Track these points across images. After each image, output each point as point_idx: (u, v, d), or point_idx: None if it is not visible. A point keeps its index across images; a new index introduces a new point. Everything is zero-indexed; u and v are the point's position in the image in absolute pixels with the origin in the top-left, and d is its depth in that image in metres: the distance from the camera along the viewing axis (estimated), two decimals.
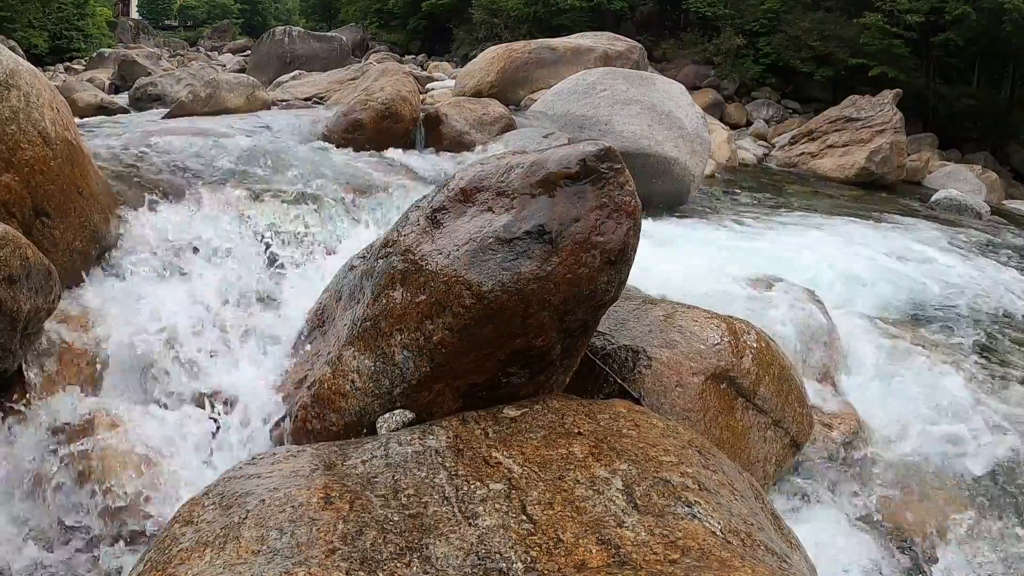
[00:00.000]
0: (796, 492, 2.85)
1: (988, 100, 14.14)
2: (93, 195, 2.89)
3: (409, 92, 5.32)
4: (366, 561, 1.50)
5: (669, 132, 6.20)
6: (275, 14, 47.26)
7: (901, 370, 3.87)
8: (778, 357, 3.00)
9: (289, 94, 7.15)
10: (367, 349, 2.26)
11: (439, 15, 25.45)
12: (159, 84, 8.04)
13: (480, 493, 1.72)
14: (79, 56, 23.34)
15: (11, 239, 2.12)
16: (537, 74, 7.96)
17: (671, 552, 1.52)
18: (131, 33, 32.29)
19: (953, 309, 5.04)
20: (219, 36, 37.83)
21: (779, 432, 2.83)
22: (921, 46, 14.15)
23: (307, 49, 13.47)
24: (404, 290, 2.22)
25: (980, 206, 9.11)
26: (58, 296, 2.40)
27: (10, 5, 22.05)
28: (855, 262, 5.51)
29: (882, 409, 3.41)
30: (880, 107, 10.89)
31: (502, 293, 2.04)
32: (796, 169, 10.96)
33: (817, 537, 2.55)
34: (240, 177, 3.79)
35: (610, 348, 2.74)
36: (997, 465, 3.11)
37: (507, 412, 2.09)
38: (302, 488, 1.74)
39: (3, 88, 2.49)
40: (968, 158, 13.15)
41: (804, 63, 16.17)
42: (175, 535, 1.67)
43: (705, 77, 18.18)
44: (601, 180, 2.14)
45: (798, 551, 1.89)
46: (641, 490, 1.72)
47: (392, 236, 2.43)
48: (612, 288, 2.17)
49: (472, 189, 2.31)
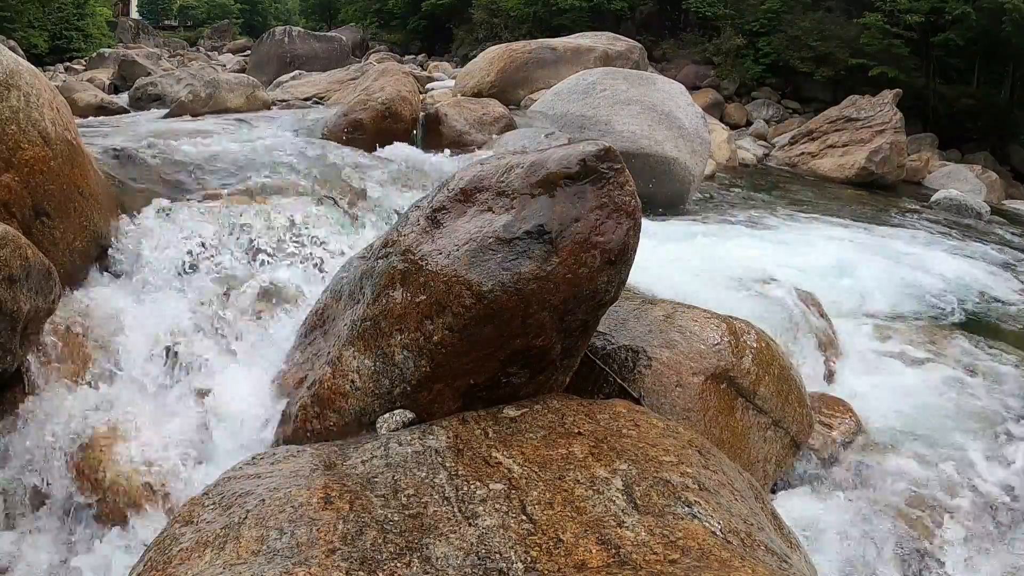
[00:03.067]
0: (796, 492, 2.85)
1: (988, 100, 14.14)
2: (93, 195, 2.89)
3: (409, 92, 5.33)
4: (366, 561, 1.50)
5: (669, 132, 6.20)
6: (275, 14, 47.24)
7: (901, 370, 3.87)
8: (778, 357, 3.00)
9: (289, 94, 7.16)
10: (367, 349, 2.26)
11: (439, 15, 25.45)
12: (159, 84, 8.04)
13: (480, 493, 1.72)
14: (79, 56, 23.33)
15: (11, 239, 2.12)
16: (537, 74, 7.96)
17: (671, 552, 1.52)
18: (131, 33, 32.28)
19: (953, 309, 5.05)
20: (219, 36, 37.81)
21: (779, 432, 2.83)
22: (921, 46, 14.15)
23: (307, 49, 13.47)
24: (404, 290, 2.22)
25: (980, 206, 9.12)
26: (58, 296, 2.40)
27: (10, 5, 22.04)
28: (854, 262, 5.51)
29: (882, 409, 3.41)
30: (880, 107, 10.89)
31: (502, 293, 2.04)
32: (796, 169, 10.97)
33: (818, 537, 2.55)
34: (240, 177, 3.79)
35: (610, 348, 2.74)
36: (997, 465, 3.11)
37: (507, 412, 2.09)
38: (302, 488, 1.74)
39: (3, 88, 2.49)
40: (968, 158, 13.14)
41: (804, 63, 16.16)
42: (175, 535, 1.67)
43: (705, 77, 18.17)
44: (601, 180, 2.14)
45: (798, 551, 1.89)
46: (641, 490, 1.72)
47: (392, 236, 2.43)
48: (612, 288, 2.17)
49: (472, 189, 2.31)
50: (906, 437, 3.19)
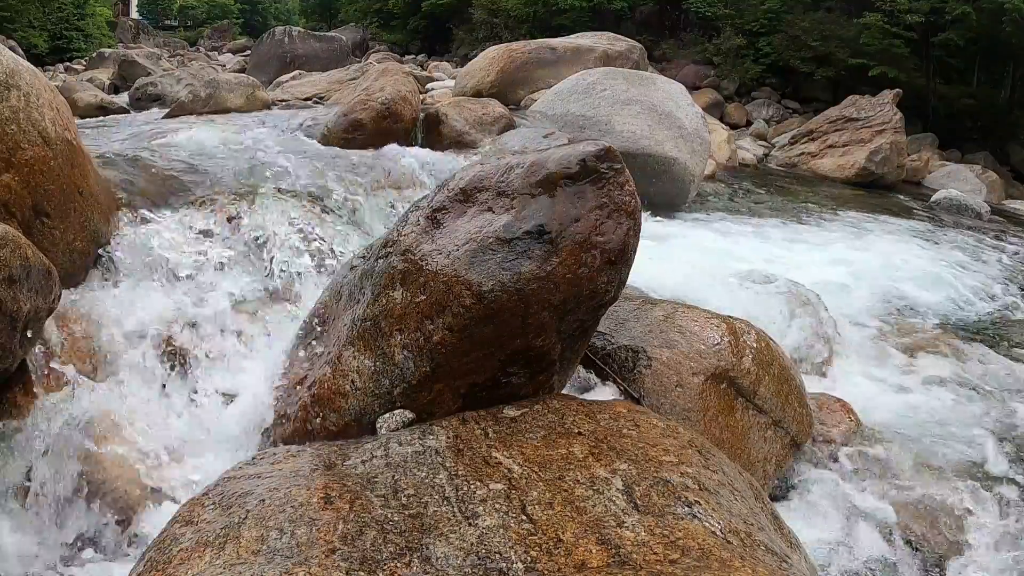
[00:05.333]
0: (796, 491, 2.85)
1: (988, 100, 14.12)
2: (93, 195, 2.90)
3: (409, 92, 5.32)
4: (366, 561, 1.50)
5: (669, 132, 6.20)
6: (275, 14, 47.18)
7: (901, 369, 3.87)
8: (778, 357, 3.00)
9: (289, 94, 7.16)
10: (367, 349, 2.26)
11: (439, 15, 25.41)
12: (159, 84, 8.05)
13: (480, 493, 1.72)
14: (79, 56, 23.30)
15: (11, 239, 2.12)
16: (537, 74, 7.96)
17: (671, 552, 1.52)
18: (131, 33, 32.24)
19: (954, 309, 5.05)
20: (219, 36, 37.78)
21: (779, 432, 2.83)
22: (921, 46, 14.13)
23: (307, 49, 13.47)
24: (404, 290, 2.22)
25: (980, 206, 9.11)
26: (58, 296, 2.40)
27: (10, 5, 22.01)
28: (855, 262, 5.52)
29: (882, 409, 3.41)
30: (880, 107, 10.87)
31: (502, 293, 2.04)
32: (796, 169, 10.95)
33: (818, 537, 2.55)
34: (240, 177, 3.79)
35: (610, 348, 2.74)
36: (998, 466, 3.11)
37: (507, 412, 2.09)
38: (302, 488, 1.74)
39: (3, 88, 2.49)
40: (968, 158, 13.12)
41: (804, 63, 16.14)
42: (175, 535, 1.67)
43: (705, 77, 18.14)
44: (601, 180, 2.14)
45: (798, 551, 1.89)
46: (641, 490, 1.72)
47: (392, 236, 2.43)
48: (612, 288, 2.17)
49: (472, 189, 2.31)
50: (906, 437, 3.19)
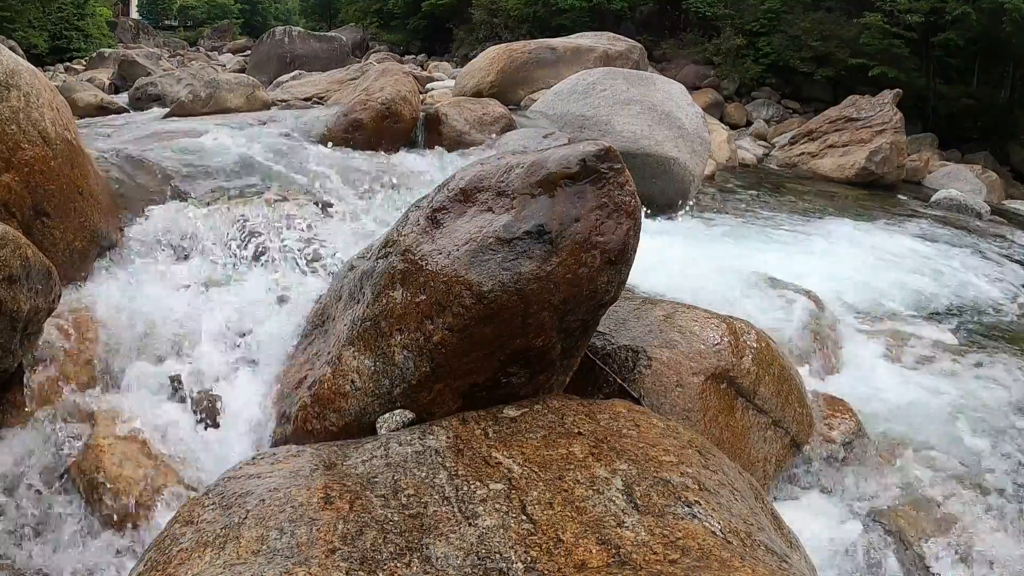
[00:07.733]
0: (796, 491, 2.85)
1: (988, 100, 14.11)
2: (93, 195, 2.90)
3: (409, 92, 5.32)
4: (366, 561, 1.50)
5: (669, 132, 6.19)
6: (275, 14, 47.19)
7: (901, 369, 3.87)
8: (778, 357, 3.00)
9: (289, 94, 7.15)
10: (367, 349, 2.26)
11: (439, 15, 25.41)
12: (159, 84, 8.04)
13: (480, 493, 1.72)
14: (79, 56, 23.29)
15: (11, 239, 2.12)
16: (537, 74, 7.95)
17: (671, 552, 1.52)
18: (131, 33, 32.24)
19: (954, 309, 5.05)
20: (219, 36, 37.80)
21: (779, 432, 2.83)
22: (921, 46, 14.13)
23: (307, 49, 13.46)
24: (404, 290, 2.22)
25: (980, 206, 9.11)
26: (58, 296, 2.40)
27: (10, 5, 22.00)
28: (854, 262, 5.52)
29: (883, 409, 3.41)
30: (880, 107, 10.87)
31: (502, 293, 2.04)
32: (796, 169, 10.95)
33: (818, 536, 2.55)
34: (239, 177, 3.79)
35: (610, 348, 2.74)
36: (999, 466, 3.11)
37: (507, 412, 2.10)
38: (302, 488, 1.74)
39: (3, 88, 2.49)
40: (968, 158, 13.12)
41: (804, 63, 16.14)
42: (175, 535, 1.67)
43: (705, 77, 18.14)
44: (601, 180, 2.14)
45: (798, 551, 1.89)
46: (641, 490, 1.72)
47: (392, 236, 2.43)
48: (612, 288, 2.17)
49: (472, 189, 2.31)
50: (907, 437, 3.19)
